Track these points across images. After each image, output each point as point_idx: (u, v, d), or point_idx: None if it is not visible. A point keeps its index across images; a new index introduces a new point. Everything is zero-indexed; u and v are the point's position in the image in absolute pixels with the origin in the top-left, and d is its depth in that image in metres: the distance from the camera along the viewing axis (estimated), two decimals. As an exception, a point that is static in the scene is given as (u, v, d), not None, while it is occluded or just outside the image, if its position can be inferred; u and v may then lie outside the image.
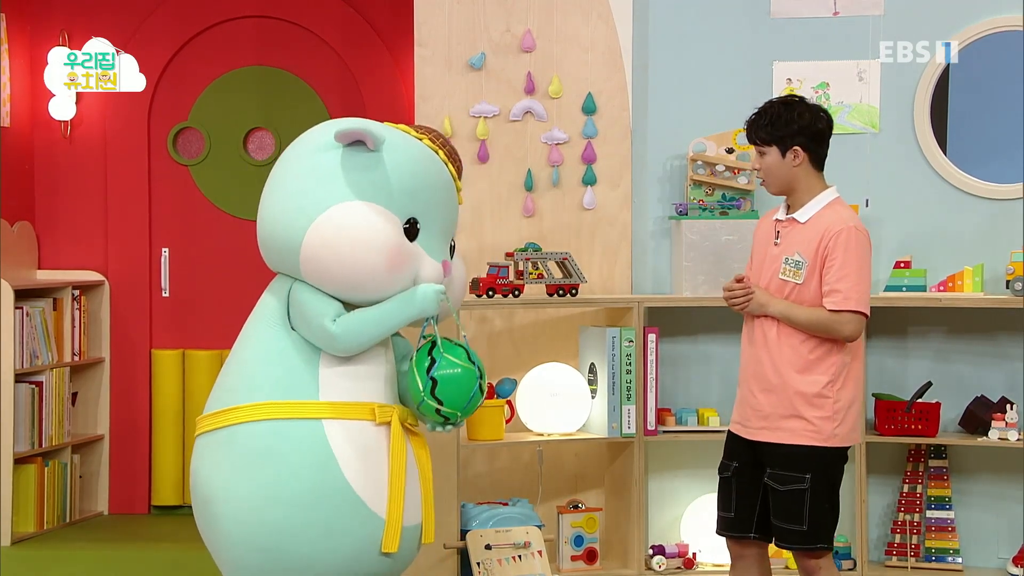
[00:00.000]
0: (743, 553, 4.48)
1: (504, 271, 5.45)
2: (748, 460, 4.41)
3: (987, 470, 5.65)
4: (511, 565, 5.19)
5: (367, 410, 3.98)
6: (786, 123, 4.33)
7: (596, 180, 5.82)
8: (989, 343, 5.63)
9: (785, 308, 4.32)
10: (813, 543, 4.29)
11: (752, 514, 4.41)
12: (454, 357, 3.99)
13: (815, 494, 4.26)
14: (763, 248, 4.45)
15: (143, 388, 7.19)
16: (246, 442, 3.92)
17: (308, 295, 3.97)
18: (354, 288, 3.96)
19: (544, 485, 5.66)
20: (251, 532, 3.90)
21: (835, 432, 4.28)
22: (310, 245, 3.92)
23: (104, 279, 7.16)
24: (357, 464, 3.92)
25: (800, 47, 5.73)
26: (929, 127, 5.66)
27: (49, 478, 6.71)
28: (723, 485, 4.49)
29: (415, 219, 4.03)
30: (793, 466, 4.27)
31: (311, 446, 3.89)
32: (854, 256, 4.24)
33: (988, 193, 5.64)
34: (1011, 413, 5.39)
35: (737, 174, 5.67)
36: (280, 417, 3.90)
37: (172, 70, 7.13)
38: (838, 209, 4.33)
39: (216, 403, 4.04)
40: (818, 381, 4.27)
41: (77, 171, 7.16)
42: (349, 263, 3.92)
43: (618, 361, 5.51)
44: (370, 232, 3.93)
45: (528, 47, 5.80)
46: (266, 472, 3.88)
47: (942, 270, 5.57)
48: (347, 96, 7.02)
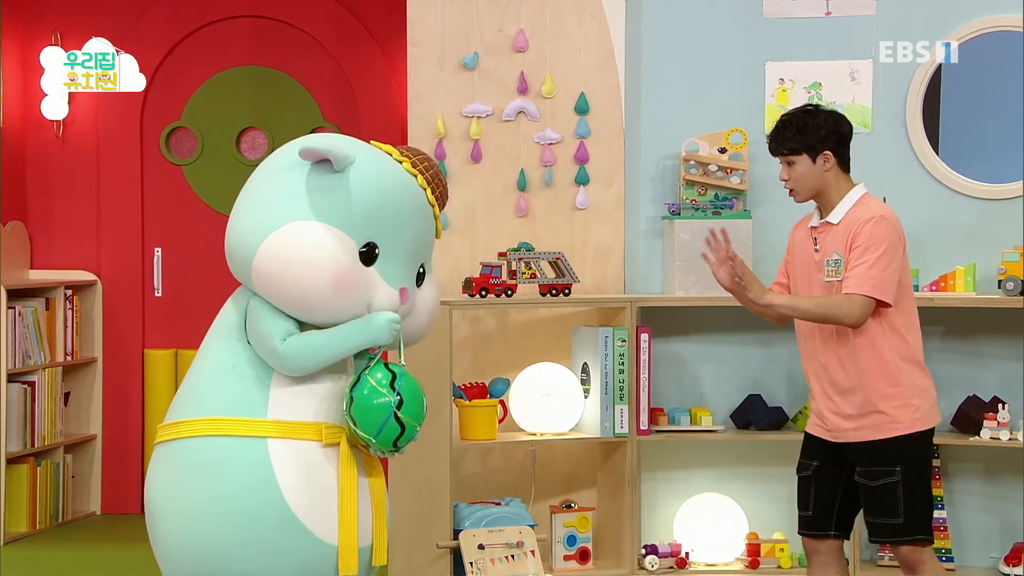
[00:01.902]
0: (818, 548, 4.52)
1: (497, 271, 5.45)
2: (829, 459, 4.45)
3: (979, 470, 5.66)
4: (504, 565, 5.19)
5: (315, 430, 3.90)
6: (814, 130, 4.41)
7: (589, 180, 5.81)
8: (981, 343, 5.64)
9: (788, 299, 4.41)
10: (912, 534, 4.34)
11: (831, 512, 4.47)
12: (375, 381, 3.84)
13: (907, 485, 4.31)
14: (805, 257, 4.49)
15: (136, 388, 7.17)
16: (191, 456, 3.88)
17: (262, 312, 3.92)
18: (301, 308, 3.90)
19: (537, 485, 5.65)
20: (188, 546, 3.87)
21: (915, 417, 4.33)
22: (261, 261, 3.87)
23: (97, 279, 7.14)
24: (298, 485, 3.86)
25: (793, 47, 5.73)
26: (921, 127, 5.66)
27: (42, 478, 6.69)
28: (802, 484, 4.55)
29: (374, 244, 3.93)
30: (882, 460, 4.32)
31: (252, 464, 3.84)
32: (874, 242, 4.29)
33: (980, 193, 5.64)
34: (1003, 413, 5.39)
35: (730, 174, 5.67)
36: (226, 434, 3.86)
37: (165, 70, 7.10)
38: (868, 202, 4.41)
39: (171, 414, 4.01)
40: (879, 373, 4.31)
41: (70, 171, 7.14)
42: (294, 283, 3.86)
43: (611, 361, 5.49)
44: (318, 253, 3.86)
45: (521, 47, 5.79)
46: (206, 487, 3.84)
47: (934, 270, 5.57)
48: (340, 96, 7.01)
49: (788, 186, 4.47)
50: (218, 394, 3.91)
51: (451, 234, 5.75)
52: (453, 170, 5.76)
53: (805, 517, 4.53)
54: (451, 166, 5.74)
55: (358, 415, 3.82)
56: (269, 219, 3.89)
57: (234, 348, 3.95)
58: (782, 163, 4.47)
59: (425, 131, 5.78)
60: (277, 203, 3.91)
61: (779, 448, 5.68)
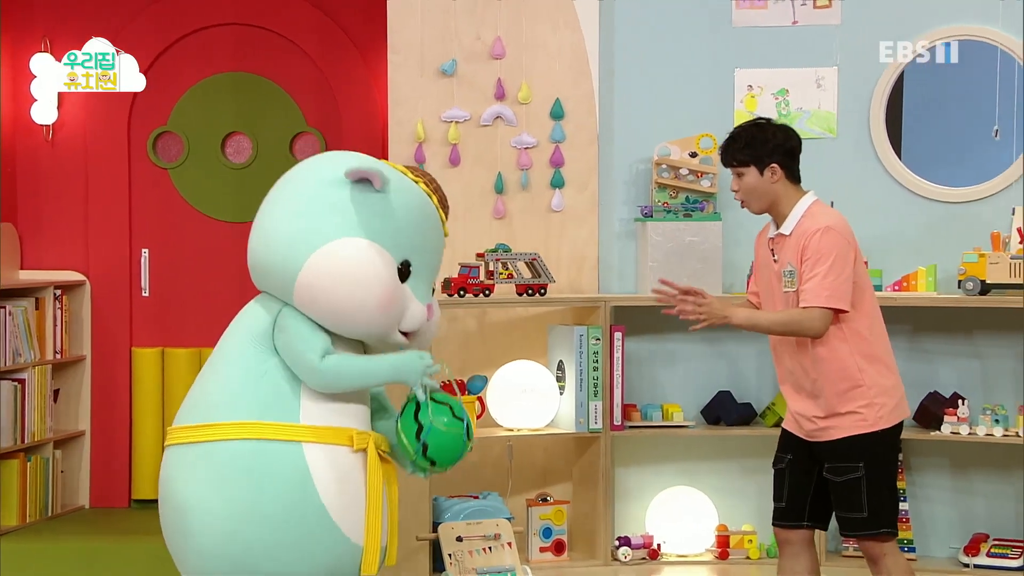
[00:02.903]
0: (789, 539, 4.56)
1: (475, 271, 5.46)
2: (803, 454, 4.50)
3: (940, 463, 5.70)
4: (482, 556, 5.20)
5: (345, 436, 3.92)
6: (762, 143, 4.44)
7: (564, 183, 5.84)
8: (942, 341, 5.68)
9: (747, 316, 4.45)
10: (876, 528, 4.38)
11: (804, 504, 4.52)
12: (441, 421, 3.89)
13: (871, 480, 4.35)
14: (767, 269, 4.54)
15: (123, 385, 7.16)
16: (226, 459, 3.86)
17: (298, 324, 3.91)
18: (343, 323, 3.90)
19: (514, 479, 5.68)
20: (223, 547, 3.85)
21: (878, 415, 4.37)
22: (309, 274, 3.86)
23: (85, 279, 7.13)
24: (334, 488, 3.88)
25: (761, 55, 5.76)
26: (884, 132, 5.70)
27: (32, 473, 6.68)
28: (777, 476, 4.59)
29: (409, 261, 3.98)
30: (846, 457, 4.37)
31: (290, 468, 3.85)
32: (823, 254, 4.32)
33: (941, 196, 5.68)
34: (963, 408, 5.43)
35: (700, 177, 5.70)
36: (261, 438, 3.85)
37: (152, 76, 7.09)
38: (815, 213, 4.42)
39: (195, 416, 3.96)
40: (842, 375, 4.36)
41: (59, 174, 7.13)
42: (343, 297, 3.86)
43: (585, 358, 5.52)
44: (369, 270, 3.87)
45: (498, 54, 5.81)
46: (244, 490, 3.83)
47: (897, 270, 5.61)
48: (322, 101, 7.00)
49: (738, 197, 4.51)
50: (252, 399, 3.88)
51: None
52: (432, 173, 5.72)
53: (779, 508, 4.57)
54: (430, 169, 5.72)
55: (437, 455, 3.85)
56: (318, 233, 3.87)
57: (263, 355, 3.92)
58: (733, 175, 4.50)
59: (405, 136, 5.79)
60: (321, 217, 3.89)
61: (748, 443, 5.74)
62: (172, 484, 3.95)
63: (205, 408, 3.94)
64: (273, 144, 7.08)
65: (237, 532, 3.83)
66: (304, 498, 3.85)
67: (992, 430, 5.39)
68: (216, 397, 3.94)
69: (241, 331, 4.01)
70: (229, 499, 3.84)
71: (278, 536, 3.84)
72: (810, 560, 4.57)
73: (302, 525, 3.85)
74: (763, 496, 5.55)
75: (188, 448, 3.92)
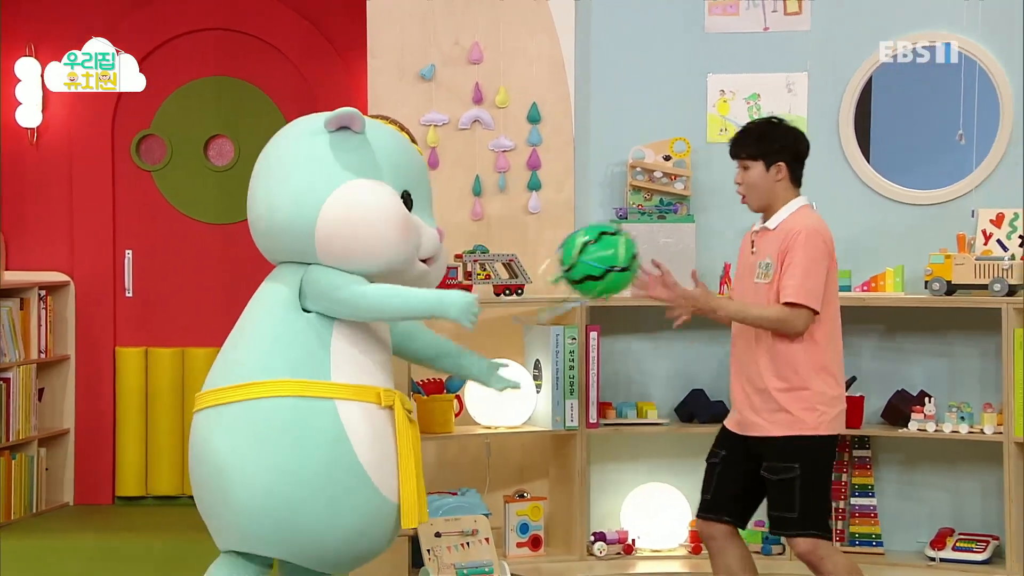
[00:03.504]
0: (712, 534, 4.56)
1: (453, 272, 5.45)
2: (738, 451, 4.52)
3: (907, 460, 5.71)
4: (460, 551, 5.20)
5: (374, 393, 3.99)
6: (772, 140, 4.46)
7: (541, 185, 5.86)
8: (909, 340, 5.70)
9: (738, 308, 4.45)
10: (804, 528, 4.38)
11: (730, 500, 4.52)
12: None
13: (805, 482, 4.37)
14: (744, 259, 4.57)
15: (107, 384, 7.19)
16: (265, 417, 3.89)
17: (329, 272, 3.98)
18: (369, 260, 3.98)
19: (491, 476, 5.69)
20: (263, 503, 3.87)
21: (819, 420, 4.39)
22: (325, 224, 3.94)
23: (70, 280, 7.16)
24: (368, 443, 3.93)
25: (733, 60, 5.79)
26: (853, 136, 5.72)
27: (16, 470, 6.70)
28: (708, 470, 4.60)
29: (408, 192, 4.09)
30: (783, 456, 4.38)
31: (326, 424, 3.89)
32: (805, 255, 4.35)
33: (908, 199, 5.70)
34: (929, 406, 5.45)
35: (674, 180, 5.73)
36: (297, 395, 3.89)
37: (136, 80, 7.13)
38: (803, 213, 4.46)
39: (229, 377, 3.98)
40: (791, 377, 4.39)
41: (43, 176, 7.15)
42: (364, 236, 3.95)
43: (562, 358, 5.54)
44: (379, 206, 3.97)
45: (476, 59, 5.84)
46: (282, 446, 3.86)
47: (865, 271, 5.63)
48: (303, 105, 6.97)
49: (740, 191, 4.50)
50: (286, 358, 3.93)
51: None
52: (411, 176, 5.83)
53: (704, 501, 4.57)
54: (409, 173, 5.83)
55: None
56: (317, 187, 3.95)
57: (291, 317, 3.97)
58: (738, 167, 4.50)
59: (385, 139, 5.84)
60: (317, 171, 3.97)
61: (720, 440, 5.81)
62: (209, 445, 3.95)
63: (240, 369, 3.97)
64: (255, 147, 6.96)
65: (278, 489, 3.86)
66: (341, 454, 3.89)
67: (958, 427, 5.43)
68: (250, 358, 3.97)
69: (266, 299, 4.06)
70: (268, 456, 3.87)
71: (317, 492, 3.87)
72: (739, 549, 4.56)
73: (340, 481, 3.89)
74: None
75: (224, 408, 3.94)
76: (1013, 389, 5.28)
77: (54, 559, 6.15)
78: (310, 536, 3.92)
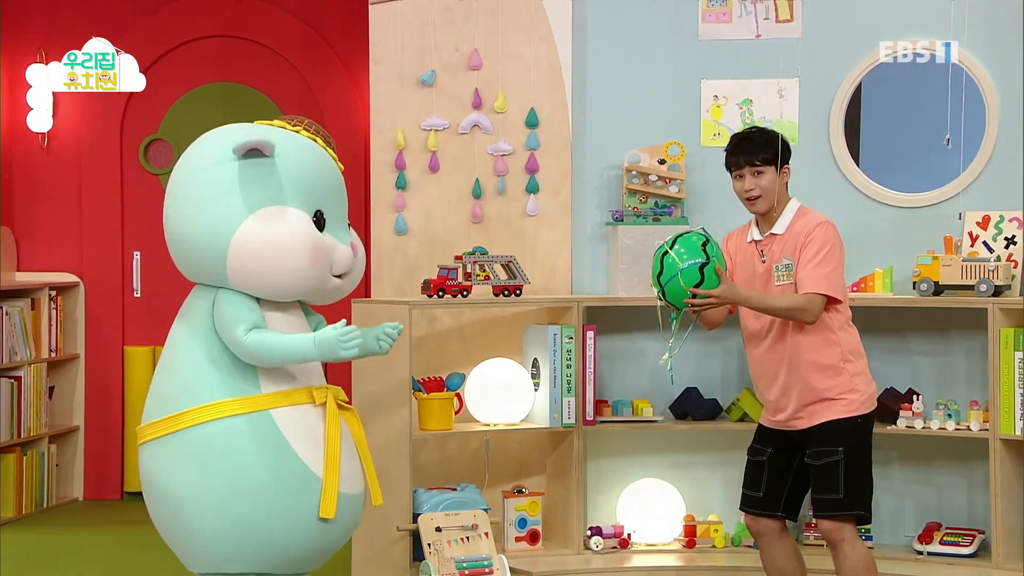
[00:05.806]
0: (762, 530, 4.60)
1: (453, 273, 5.45)
2: (783, 448, 4.56)
3: (896, 456, 5.71)
4: (460, 546, 5.20)
5: (306, 394, 3.98)
6: (775, 145, 4.53)
7: (539, 189, 5.86)
8: (898, 339, 5.70)
9: (760, 298, 4.48)
10: (848, 509, 4.42)
11: (781, 496, 4.57)
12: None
13: (849, 464, 4.41)
14: (750, 269, 4.58)
15: (116, 382, 7.20)
16: (205, 442, 3.86)
17: (231, 302, 3.93)
18: (279, 287, 3.94)
19: (490, 471, 5.68)
20: (220, 527, 3.87)
21: (860, 401, 4.46)
22: (237, 252, 3.88)
23: (79, 280, 7.17)
24: (308, 444, 3.91)
25: (726, 66, 5.79)
26: (843, 141, 5.72)
27: (27, 466, 6.71)
28: (754, 467, 4.62)
29: (320, 211, 4.01)
30: (826, 441, 4.42)
31: (264, 436, 3.87)
32: (820, 245, 4.42)
33: (897, 201, 5.71)
34: (917, 403, 5.45)
35: (668, 183, 5.73)
36: (232, 414, 3.87)
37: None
38: (808, 212, 4.55)
39: (159, 411, 3.96)
40: (827, 367, 4.43)
41: (53, 180, 7.16)
42: (273, 264, 3.89)
43: (559, 356, 5.54)
44: (290, 231, 3.90)
45: (475, 65, 5.84)
46: (228, 469, 3.84)
47: (855, 272, 5.61)
48: (306, 110, 7.01)
49: (755, 194, 4.52)
50: (211, 381, 3.90)
51: (410, 239, 5.80)
52: (412, 179, 5.79)
53: (755, 497, 4.59)
54: (410, 176, 5.78)
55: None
56: (230, 214, 3.88)
57: (211, 339, 3.94)
58: (749, 173, 4.52)
59: (386, 143, 5.79)
60: (227, 200, 3.90)
61: (714, 437, 5.76)
62: (157, 479, 3.94)
63: (169, 400, 3.94)
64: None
65: (232, 510, 3.84)
66: (286, 461, 3.87)
67: (945, 424, 5.43)
68: (176, 388, 3.94)
69: (184, 324, 4.03)
70: (215, 480, 3.85)
71: (270, 503, 3.86)
72: (789, 543, 4.63)
73: (290, 487, 3.87)
74: (728, 487, 5.62)
75: (162, 441, 3.92)
76: (999, 387, 5.29)
77: (64, 553, 6.16)
78: (274, 547, 3.92)
